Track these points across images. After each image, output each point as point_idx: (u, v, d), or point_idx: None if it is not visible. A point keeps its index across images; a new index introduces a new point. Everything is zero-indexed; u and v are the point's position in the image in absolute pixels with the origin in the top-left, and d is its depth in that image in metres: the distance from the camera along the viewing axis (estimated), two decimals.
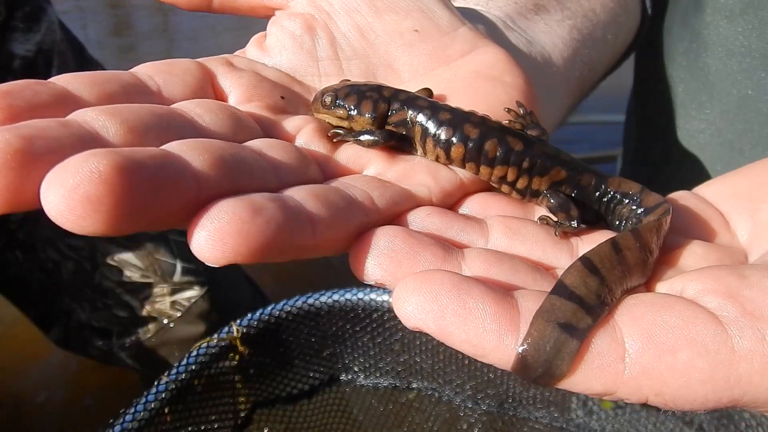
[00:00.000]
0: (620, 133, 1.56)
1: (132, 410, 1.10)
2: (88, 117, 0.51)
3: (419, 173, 0.67)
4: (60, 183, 0.43)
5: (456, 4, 0.86)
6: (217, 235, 0.46)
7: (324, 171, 0.64)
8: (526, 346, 0.47)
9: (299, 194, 0.53)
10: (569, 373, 0.48)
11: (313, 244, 0.52)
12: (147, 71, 0.64)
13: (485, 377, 1.29)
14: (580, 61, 1.02)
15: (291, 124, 0.68)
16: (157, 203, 0.46)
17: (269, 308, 1.26)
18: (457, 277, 0.49)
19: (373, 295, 1.28)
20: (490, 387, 1.30)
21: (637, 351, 0.47)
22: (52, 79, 0.56)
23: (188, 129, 0.57)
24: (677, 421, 1.23)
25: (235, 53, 0.75)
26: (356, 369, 1.35)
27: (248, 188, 0.51)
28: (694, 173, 1.18)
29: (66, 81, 0.56)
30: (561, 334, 0.47)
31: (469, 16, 0.83)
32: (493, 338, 0.48)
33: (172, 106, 0.59)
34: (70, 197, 0.42)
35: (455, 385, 1.31)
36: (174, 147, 0.50)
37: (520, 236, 0.61)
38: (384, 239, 0.54)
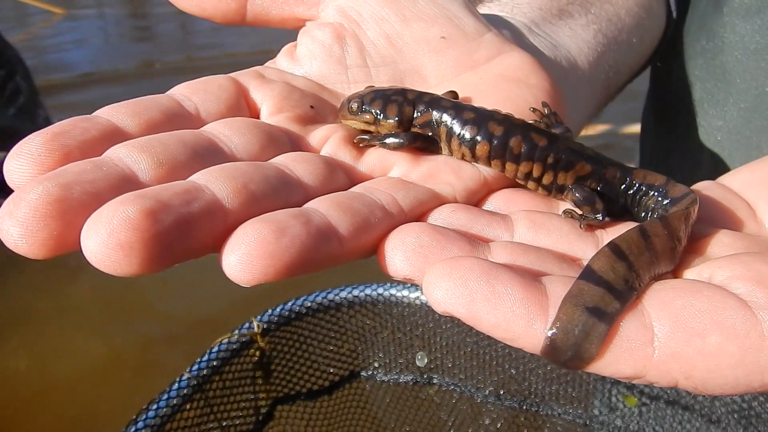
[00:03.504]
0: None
1: (154, 406, 1.11)
2: (122, 154, 0.54)
3: (443, 172, 0.67)
4: (95, 233, 0.47)
5: (481, 11, 0.86)
6: (245, 259, 0.49)
7: (350, 177, 0.65)
8: (555, 330, 0.47)
9: (323, 206, 0.55)
10: (598, 356, 0.48)
11: (341, 254, 0.54)
12: (184, 92, 0.66)
13: (507, 373, 1.28)
14: (605, 65, 1.02)
15: (318, 134, 0.69)
16: (187, 238, 0.49)
17: (289, 303, 1.27)
18: (486, 263, 0.50)
19: (393, 291, 1.28)
20: (512, 383, 1.29)
21: (666, 335, 0.47)
22: (97, 113, 0.59)
23: (216, 154, 0.59)
24: (702, 419, 1.21)
25: (266, 64, 0.77)
26: (376, 365, 1.35)
27: (274, 207, 0.54)
28: (712, 171, 1.17)
29: (110, 113, 0.60)
30: (589, 318, 0.47)
31: (495, 22, 0.84)
32: (523, 322, 0.48)
33: (202, 129, 0.62)
34: (106, 245, 0.47)
35: (477, 381, 1.31)
36: (200, 178, 0.53)
37: (545, 230, 0.62)
38: (411, 235, 0.55)
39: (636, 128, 1.54)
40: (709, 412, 1.19)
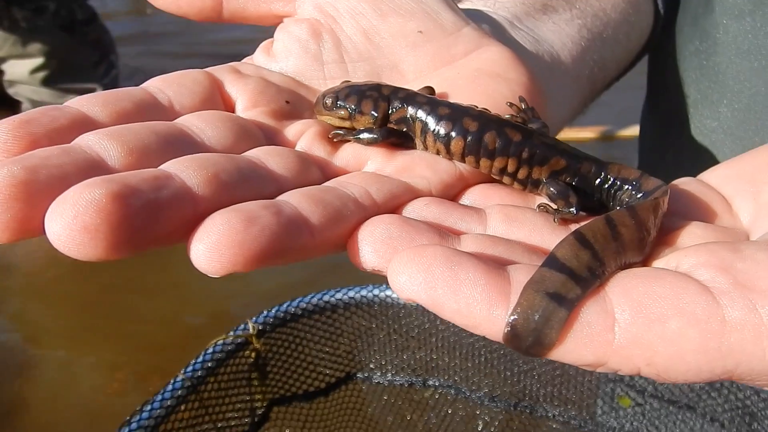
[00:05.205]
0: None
1: (148, 407, 1.11)
2: (91, 141, 0.54)
3: (418, 166, 0.68)
4: (60, 214, 0.46)
5: (462, 6, 0.86)
6: (214, 247, 0.49)
7: (324, 172, 0.65)
8: (515, 316, 0.48)
9: (295, 198, 0.55)
10: (559, 342, 0.48)
11: (312, 246, 0.54)
12: (157, 85, 0.66)
13: (502, 374, 1.28)
14: (590, 60, 1.02)
15: (293, 129, 0.69)
16: (154, 225, 0.49)
17: (285, 305, 1.27)
18: (450, 251, 0.50)
19: (389, 292, 1.28)
20: (506, 384, 1.29)
21: (626, 320, 0.47)
22: (67, 103, 0.59)
23: (188, 145, 0.59)
24: (698, 418, 1.21)
25: (243, 60, 0.78)
26: (372, 366, 1.35)
27: (245, 199, 0.53)
28: None
29: (80, 104, 0.59)
30: (550, 304, 0.48)
31: (474, 16, 0.84)
32: (484, 309, 0.48)
33: (175, 121, 0.62)
34: (70, 227, 0.46)
35: (471, 383, 1.31)
36: (170, 166, 0.53)
37: (518, 223, 0.62)
38: (380, 227, 0.55)
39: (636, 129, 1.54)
40: (703, 411, 1.18)
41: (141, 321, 2.77)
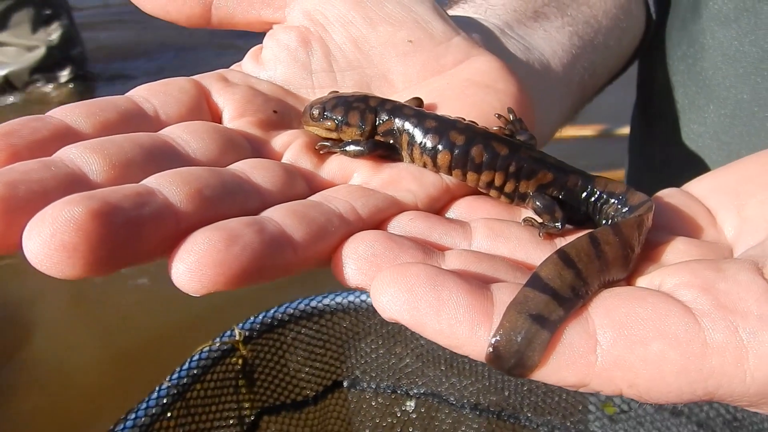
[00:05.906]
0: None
1: (133, 415, 1.11)
2: (73, 154, 0.53)
3: (404, 179, 0.67)
4: (37, 232, 0.45)
5: (454, 13, 0.85)
6: (194, 267, 0.48)
7: (310, 185, 0.64)
8: (498, 337, 0.47)
9: (278, 214, 0.55)
10: (541, 364, 0.48)
11: (295, 263, 0.53)
12: (143, 94, 0.66)
13: (486, 382, 1.28)
14: (580, 67, 1.02)
15: (280, 140, 0.69)
16: (135, 243, 0.48)
17: (271, 311, 1.26)
18: (433, 270, 0.49)
19: None
20: (490, 393, 1.29)
21: (608, 342, 0.47)
22: (50, 113, 0.58)
23: (173, 157, 0.58)
24: (684, 427, 1.21)
25: (231, 67, 0.77)
26: (358, 374, 1.34)
27: (229, 214, 0.53)
28: (694, 177, 1.17)
29: (63, 114, 0.59)
30: (532, 325, 0.47)
31: (465, 25, 0.84)
32: (466, 329, 0.48)
33: (160, 132, 0.61)
34: (48, 246, 0.45)
35: (455, 390, 1.31)
36: (153, 182, 0.52)
37: (503, 238, 0.61)
38: (364, 244, 0.55)
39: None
40: (689, 417, 1.19)
41: (124, 327, 2.75)
